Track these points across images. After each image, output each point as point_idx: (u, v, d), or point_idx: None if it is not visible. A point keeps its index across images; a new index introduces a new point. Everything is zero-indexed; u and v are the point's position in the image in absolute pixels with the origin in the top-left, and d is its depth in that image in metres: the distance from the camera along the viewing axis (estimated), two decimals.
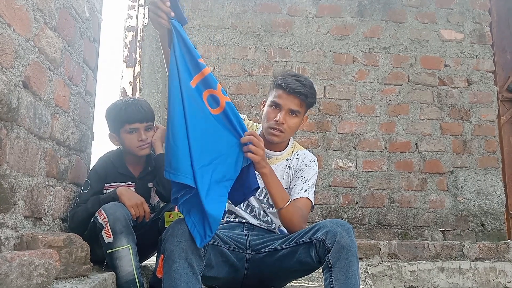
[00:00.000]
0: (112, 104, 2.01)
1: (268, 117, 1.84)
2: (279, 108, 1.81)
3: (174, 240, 1.45)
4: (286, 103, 1.80)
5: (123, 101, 1.97)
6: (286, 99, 1.80)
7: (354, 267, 1.52)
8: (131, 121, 1.91)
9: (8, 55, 1.31)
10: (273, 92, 1.86)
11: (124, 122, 1.91)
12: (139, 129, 1.93)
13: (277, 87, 1.83)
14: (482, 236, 3.55)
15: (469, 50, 3.81)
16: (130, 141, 1.93)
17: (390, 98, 3.71)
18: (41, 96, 1.55)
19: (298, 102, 1.81)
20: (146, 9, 3.47)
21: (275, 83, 1.85)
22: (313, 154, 2.02)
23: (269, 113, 1.84)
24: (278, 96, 1.82)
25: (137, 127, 1.92)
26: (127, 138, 1.93)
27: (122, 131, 1.93)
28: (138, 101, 1.99)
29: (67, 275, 1.44)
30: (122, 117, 1.91)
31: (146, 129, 1.95)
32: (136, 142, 1.93)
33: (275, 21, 3.74)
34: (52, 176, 1.68)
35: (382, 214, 3.54)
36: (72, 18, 1.83)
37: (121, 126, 1.92)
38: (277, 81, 1.84)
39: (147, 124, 1.96)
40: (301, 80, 1.83)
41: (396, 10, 3.81)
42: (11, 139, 1.34)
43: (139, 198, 1.84)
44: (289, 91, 1.79)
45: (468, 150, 3.68)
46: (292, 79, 1.81)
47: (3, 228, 1.31)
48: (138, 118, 1.93)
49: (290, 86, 1.79)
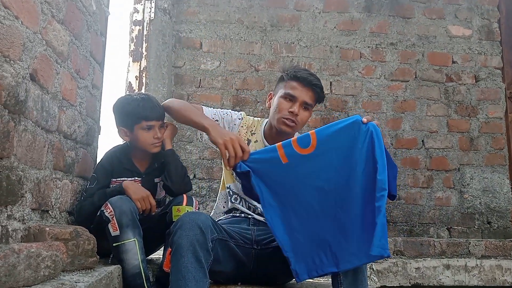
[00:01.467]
0: (124, 98, 1.99)
1: (280, 107, 1.82)
2: (293, 99, 1.80)
3: (183, 233, 1.45)
4: (301, 95, 1.79)
5: (137, 97, 1.95)
6: (301, 91, 1.79)
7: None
8: (150, 118, 1.90)
9: (16, 47, 1.31)
10: (285, 83, 1.83)
11: (141, 119, 1.90)
12: (155, 127, 1.92)
13: (291, 78, 1.81)
14: (488, 234, 3.54)
15: (477, 46, 3.78)
16: (145, 138, 1.92)
17: (396, 94, 3.69)
18: (48, 89, 1.55)
19: (312, 95, 1.81)
20: (152, 3, 3.46)
21: (289, 75, 1.83)
22: None
23: (283, 104, 1.81)
24: (292, 87, 1.80)
25: (153, 124, 1.92)
26: (142, 135, 1.92)
27: (137, 127, 1.91)
28: (152, 98, 1.99)
29: (73, 267, 1.44)
30: (140, 113, 1.89)
31: (160, 127, 1.95)
32: (151, 139, 1.92)
33: (282, 16, 3.72)
34: (59, 169, 1.68)
35: (387, 211, 3.52)
36: (79, 11, 1.83)
37: (137, 122, 1.90)
38: (291, 73, 1.82)
39: (161, 122, 1.96)
40: (314, 74, 1.84)
41: (404, 5, 3.79)
42: (18, 131, 1.34)
43: (145, 191, 1.84)
44: (305, 83, 1.79)
45: (475, 147, 3.66)
46: (306, 73, 1.81)
47: (10, 220, 1.31)
48: (156, 116, 1.92)
49: (307, 78, 1.79)
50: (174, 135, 2.07)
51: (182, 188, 1.91)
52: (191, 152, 3.53)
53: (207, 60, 3.64)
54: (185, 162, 3.46)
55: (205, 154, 3.51)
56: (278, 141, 1.88)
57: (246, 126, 1.94)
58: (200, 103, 3.57)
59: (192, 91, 3.61)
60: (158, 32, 3.47)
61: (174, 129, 2.06)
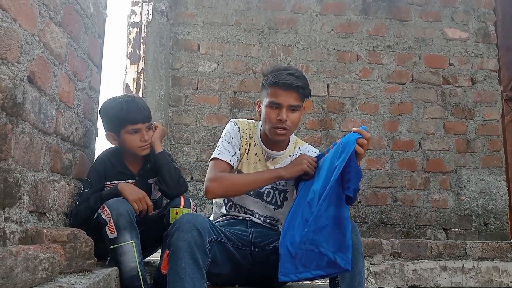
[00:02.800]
0: (108, 102, 1.96)
1: (269, 118, 1.79)
2: (279, 106, 1.76)
3: (180, 235, 1.45)
4: (285, 100, 1.75)
5: (121, 100, 1.92)
6: (285, 96, 1.75)
7: (360, 265, 1.52)
8: (134, 122, 1.88)
9: (14, 50, 1.31)
10: (268, 91, 1.79)
11: (126, 123, 1.88)
12: (142, 130, 1.91)
13: (271, 85, 1.77)
14: (485, 235, 3.55)
15: (474, 49, 3.79)
16: (133, 142, 1.91)
17: (393, 96, 3.70)
18: (46, 91, 1.54)
19: (296, 96, 1.77)
20: (150, 5, 3.47)
21: (269, 82, 1.79)
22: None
23: (270, 114, 1.78)
24: (275, 94, 1.76)
25: (139, 127, 1.90)
26: (129, 139, 1.90)
27: (123, 131, 1.90)
28: (137, 99, 1.96)
29: (71, 269, 1.44)
30: (124, 117, 1.87)
31: (147, 129, 1.94)
32: (138, 143, 1.91)
33: (279, 18, 3.73)
34: (57, 171, 1.68)
35: (385, 213, 3.53)
36: (77, 13, 1.83)
37: (122, 126, 1.89)
38: (270, 79, 1.78)
39: (148, 123, 1.94)
40: (294, 73, 1.78)
41: (401, 8, 3.80)
42: (16, 133, 1.34)
43: (141, 192, 1.84)
44: (286, 87, 1.74)
45: (472, 150, 3.67)
46: (285, 75, 1.75)
47: (8, 222, 1.31)
48: (141, 119, 1.90)
49: (286, 82, 1.74)
50: (163, 137, 2.04)
51: (177, 191, 1.90)
52: (188, 154, 3.53)
53: (205, 62, 3.65)
54: (183, 164, 3.47)
55: (202, 156, 3.51)
56: (275, 145, 1.89)
57: (244, 133, 1.93)
58: (198, 105, 3.58)
59: (190, 93, 3.61)
60: (156, 34, 3.48)
61: (163, 131, 2.03)
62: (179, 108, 3.59)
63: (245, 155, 1.90)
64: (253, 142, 1.92)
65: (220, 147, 1.87)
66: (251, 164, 1.90)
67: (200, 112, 3.59)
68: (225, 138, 1.89)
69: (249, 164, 1.90)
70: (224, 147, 1.86)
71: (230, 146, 1.87)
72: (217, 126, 3.53)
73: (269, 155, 1.90)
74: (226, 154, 1.84)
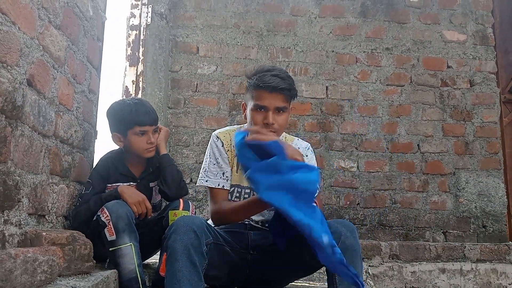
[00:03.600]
0: (116, 103, 1.99)
1: (255, 121, 1.73)
2: (265, 109, 1.71)
3: (177, 237, 1.45)
4: (271, 102, 1.70)
5: (130, 102, 1.96)
6: (270, 99, 1.69)
7: (359, 268, 1.52)
8: (142, 124, 1.91)
9: (13, 53, 1.31)
10: (252, 93, 1.73)
11: (134, 124, 1.90)
12: (148, 132, 1.93)
13: (256, 88, 1.71)
14: (483, 237, 3.55)
15: (472, 51, 3.81)
16: (139, 144, 1.93)
17: (392, 98, 3.71)
18: (45, 94, 1.55)
19: (282, 97, 1.71)
20: (149, 8, 3.48)
21: (252, 84, 1.73)
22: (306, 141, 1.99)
23: (256, 117, 1.73)
24: (260, 97, 1.70)
25: (147, 129, 1.92)
26: (135, 140, 1.92)
27: (130, 132, 1.92)
28: (145, 102, 2.00)
29: (70, 272, 1.45)
30: (132, 118, 1.90)
31: (154, 132, 1.96)
32: (144, 145, 1.93)
33: (278, 21, 3.74)
34: (56, 173, 1.69)
35: (383, 215, 3.54)
36: (76, 16, 1.84)
37: (129, 127, 1.91)
38: (254, 81, 1.73)
39: (155, 126, 1.97)
40: (279, 74, 1.71)
41: (399, 10, 3.81)
42: (15, 136, 1.34)
43: (141, 195, 1.85)
44: (270, 90, 1.68)
45: (470, 152, 3.68)
46: (269, 76, 1.70)
47: (7, 225, 1.32)
48: (149, 121, 1.93)
49: (270, 84, 1.68)
50: (167, 139, 2.07)
51: (178, 193, 1.92)
52: (187, 156, 3.54)
53: (204, 65, 3.66)
54: (182, 166, 3.47)
55: (201, 159, 3.50)
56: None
57: (229, 145, 1.88)
58: (197, 107, 3.59)
59: (189, 96, 3.62)
60: (155, 37, 3.48)
61: (167, 133, 2.07)
62: (178, 110, 3.60)
63: (234, 168, 1.86)
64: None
65: (207, 171, 1.83)
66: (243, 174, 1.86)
67: (199, 114, 3.60)
68: (210, 159, 1.85)
69: (241, 175, 1.83)
70: (211, 171, 1.83)
71: (216, 168, 1.83)
72: (216, 128, 3.52)
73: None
74: (214, 179, 1.81)
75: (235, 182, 1.86)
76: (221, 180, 1.81)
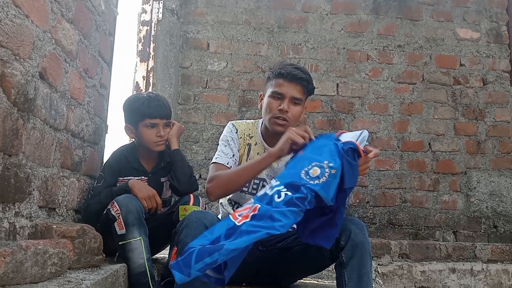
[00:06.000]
0: (132, 96, 2.04)
1: (270, 107, 1.78)
2: (281, 97, 1.75)
3: (189, 232, 1.44)
4: (288, 91, 1.74)
5: (145, 95, 1.99)
6: (288, 87, 1.75)
7: (368, 265, 1.51)
8: (153, 116, 1.93)
9: (26, 46, 1.32)
10: (272, 82, 1.79)
11: (145, 116, 1.92)
12: (159, 125, 1.95)
13: (276, 76, 1.77)
14: (494, 238, 3.51)
15: (485, 49, 3.76)
16: (148, 136, 1.94)
17: (403, 96, 3.67)
18: (57, 87, 1.56)
19: (300, 89, 1.76)
20: (160, 4, 3.48)
21: (274, 73, 1.79)
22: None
23: (271, 104, 1.77)
24: (279, 85, 1.76)
25: (157, 122, 1.94)
26: (145, 132, 1.94)
27: (141, 124, 1.94)
28: (160, 97, 2.02)
29: (80, 265, 1.45)
30: (144, 110, 1.92)
31: (165, 126, 1.97)
32: (154, 138, 1.94)
33: (289, 17, 3.73)
34: (67, 167, 1.69)
35: (393, 214, 3.51)
36: (89, 11, 1.84)
37: (141, 119, 1.93)
38: (276, 70, 1.78)
39: (166, 120, 1.98)
40: (300, 68, 1.79)
41: (412, 7, 3.78)
42: (27, 129, 1.35)
43: (151, 190, 1.85)
44: (290, 78, 1.74)
45: (482, 151, 3.63)
46: (291, 67, 1.76)
47: (18, 217, 1.32)
48: (159, 114, 1.94)
49: (291, 73, 1.74)
50: (180, 134, 2.08)
51: (188, 188, 1.93)
52: (197, 152, 3.54)
53: (214, 61, 3.65)
54: (191, 162, 3.47)
55: (211, 155, 3.51)
56: (276, 141, 1.83)
57: (243, 133, 1.91)
58: (207, 104, 3.59)
59: (199, 92, 3.61)
60: (166, 33, 3.48)
61: (180, 128, 2.08)
62: (188, 106, 3.60)
63: (244, 156, 1.88)
64: (254, 142, 1.90)
65: (218, 152, 1.86)
66: None
67: (209, 110, 3.60)
68: (222, 142, 1.89)
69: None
70: (222, 151, 1.86)
71: (227, 148, 1.86)
72: (226, 125, 3.53)
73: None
74: (224, 157, 1.83)
75: None
76: (230, 159, 1.83)
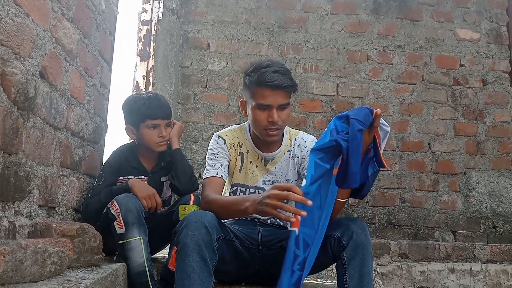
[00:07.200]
0: (132, 96, 2.02)
1: (258, 120, 1.71)
2: (268, 107, 1.68)
3: (189, 232, 1.44)
4: (274, 100, 1.67)
5: (145, 96, 1.98)
6: (273, 97, 1.66)
7: (369, 265, 1.51)
8: (154, 117, 1.92)
9: (26, 44, 1.32)
10: (253, 91, 1.69)
11: (147, 117, 1.92)
12: (160, 126, 1.94)
13: (257, 85, 1.67)
14: (493, 238, 3.51)
15: (485, 50, 3.76)
16: (150, 137, 1.94)
17: (403, 97, 3.68)
18: (57, 86, 1.55)
19: (285, 94, 1.69)
20: (160, 3, 3.48)
21: (253, 82, 1.68)
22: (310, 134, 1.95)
23: (259, 116, 1.70)
24: (263, 96, 1.66)
25: (158, 123, 1.94)
26: (147, 133, 1.94)
27: (142, 125, 1.93)
28: (160, 97, 2.01)
29: (79, 264, 1.45)
30: (144, 111, 1.91)
31: (166, 126, 1.97)
32: (156, 138, 1.94)
33: (289, 17, 3.73)
34: (66, 166, 1.69)
35: (392, 214, 3.51)
36: (89, 10, 1.84)
37: (142, 120, 1.93)
38: (254, 79, 1.69)
39: (168, 121, 1.98)
40: (279, 70, 1.67)
41: (412, 8, 3.78)
42: (27, 128, 1.35)
43: (151, 189, 1.85)
44: (274, 87, 1.65)
45: (482, 151, 3.64)
46: (270, 74, 1.65)
47: (18, 216, 1.32)
48: (161, 115, 1.94)
49: (273, 82, 1.64)
50: (181, 134, 2.08)
51: (188, 188, 1.92)
52: (196, 152, 3.54)
53: (214, 61, 3.65)
54: (191, 161, 3.46)
55: None
56: (268, 146, 1.83)
57: (232, 144, 1.87)
58: (207, 103, 3.59)
59: (199, 91, 3.62)
60: (166, 32, 3.48)
61: (181, 128, 2.07)
62: (188, 106, 3.60)
63: (238, 167, 1.85)
64: (245, 150, 1.87)
65: (206, 167, 1.83)
66: (248, 173, 1.85)
67: (208, 110, 3.60)
68: (209, 156, 1.85)
69: (246, 174, 1.85)
70: (209, 164, 1.82)
71: (213, 161, 1.81)
72: (226, 125, 3.53)
73: (266, 158, 1.86)
74: (211, 170, 1.79)
75: (239, 181, 1.86)
76: (219, 170, 1.80)
